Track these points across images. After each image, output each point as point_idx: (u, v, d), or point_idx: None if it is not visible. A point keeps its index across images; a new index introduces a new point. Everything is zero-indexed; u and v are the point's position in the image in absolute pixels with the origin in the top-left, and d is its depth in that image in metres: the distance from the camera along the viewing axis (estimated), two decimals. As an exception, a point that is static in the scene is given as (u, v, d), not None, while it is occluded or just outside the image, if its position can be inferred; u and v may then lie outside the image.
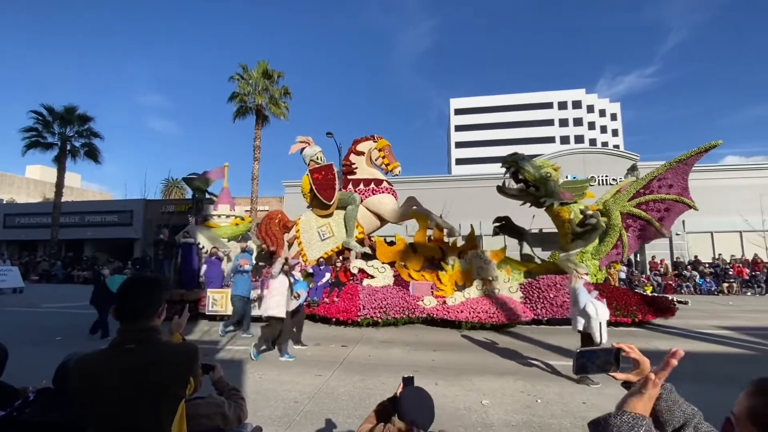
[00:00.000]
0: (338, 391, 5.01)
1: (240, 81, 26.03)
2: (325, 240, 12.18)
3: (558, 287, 9.64)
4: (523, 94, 69.29)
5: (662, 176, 10.45)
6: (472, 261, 10.48)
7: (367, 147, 12.72)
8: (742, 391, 0.86)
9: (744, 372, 5.62)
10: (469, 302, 9.53)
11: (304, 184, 12.55)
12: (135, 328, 1.47)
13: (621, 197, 10.76)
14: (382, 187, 12.56)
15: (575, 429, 3.91)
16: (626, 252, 10.79)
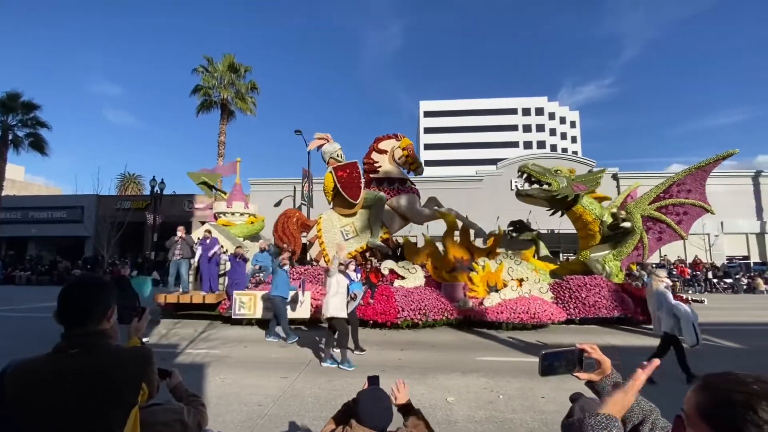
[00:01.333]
0: (304, 393, 4.94)
1: (204, 74, 25.08)
2: (348, 240, 11.79)
3: (588, 287, 9.77)
4: (490, 100, 71.38)
5: (681, 181, 10.91)
6: (503, 261, 10.35)
7: (390, 145, 12.34)
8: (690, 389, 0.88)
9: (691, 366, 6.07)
10: (508, 303, 9.34)
11: (327, 182, 11.98)
12: (80, 333, 1.35)
13: (642, 201, 11.14)
14: (406, 186, 12.33)
15: (534, 423, 4.07)
16: (646, 253, 11.11)
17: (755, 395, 0.73)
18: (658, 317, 5.87)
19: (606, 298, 9.56)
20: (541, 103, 70.74)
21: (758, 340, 8.01)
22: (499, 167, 28.85)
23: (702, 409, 0.79)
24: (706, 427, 0.77)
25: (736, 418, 0.73)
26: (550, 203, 11.42)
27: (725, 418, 0.74)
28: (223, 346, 7.55)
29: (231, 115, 26.26)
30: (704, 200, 10.79)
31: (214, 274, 10.46)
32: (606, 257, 10.69)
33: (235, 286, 9.89)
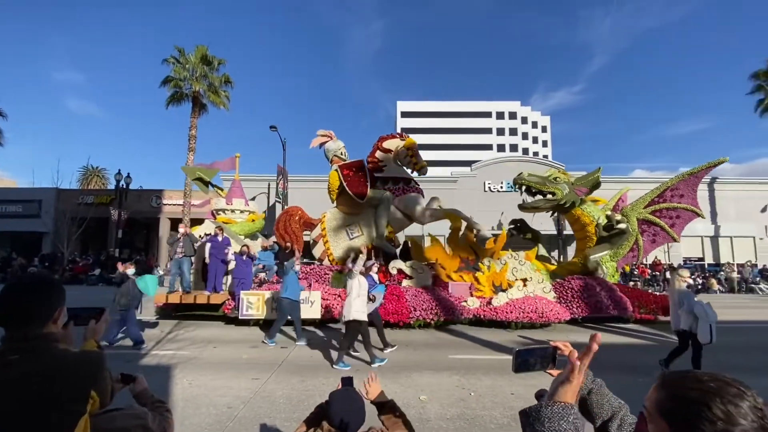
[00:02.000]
0: (276, 395, 4.86)
1: (175, 65, 24.18)
2: (353, 239, 11.63)
3: (590, 287, 10.12)
4: (466, 102, 72.59)
5: (675, 187, 11.47)
6: (508, 262, 10.55)
7: (395, 145, 12.15)
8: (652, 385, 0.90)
9: (646, 360, 6.39)
10: (516, 303, 9.51)
11: (333, 180, 11.76)
12: (22, 336, 1.24)
13: (638, 204, 11.66)
14: (411, 186, 12.28)
15: (504, 419, 4.17)
16: (641, 255, 11.63)
17: (709, 392, 0.76)
18: (678, 314, 6.09)
19: (606, 298, 9.94)
20: (514, 107, 72.58)
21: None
22: (474, 169, 29.36)
23: (660, 405, 0.81)
24: (665, 423, 0.79)
25: (691, 414, 0.75)
26: (554, 208, 11.77)
27: (681, 414, 0.77)
28: (192, 346, 7.32)
29: (203, 108, 25.45)
30: (696, 205, 11.39)
31: (220, 273, 10.06)
32: (603, 258, 11.09)
33: (241, 286, 9.55)
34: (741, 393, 0.75)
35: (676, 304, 6.12)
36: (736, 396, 0.74)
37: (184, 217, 23.87)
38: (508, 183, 27.17)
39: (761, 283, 19.49)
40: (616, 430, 1.11)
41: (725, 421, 0.72)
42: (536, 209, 11.66)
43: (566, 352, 1.10)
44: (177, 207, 25.79)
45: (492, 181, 27.79)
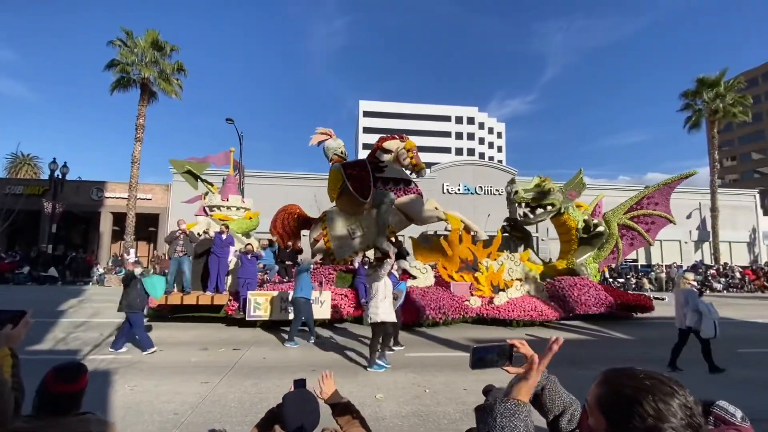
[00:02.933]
0: (227, 398, 4.68)
1: (122, 48, 22.50)
2: (355, 238, 11.47)
3: (578, 287, 10.62)
4: (426, 105, 73.96)
5: (651, 195, 12.50)
6: (505, 263, 10.94)
7: (395, 146, 12.00)
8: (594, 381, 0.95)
9: (585, 353, 6.86)
10: (516, 301, 9.92)
11: (335, 179, 11.40)
12: None
13: (618, 210, 12.50)
14: (411, 187, 12.18)
15: (456, 414, 4.30)
16: (621, 257, 12.47)
17: (643, 389, 0.80)
18: (684, 313, 6.40)
19: (593, 297, 10.53)
20: (472, 112, 74.98)
21: (644, 332, 9.33)
22: (433, 171, 29.97)
23: (599, 400, 0.86)
24: (602, 417, 0.84)
25: (624, 409, 0.80)
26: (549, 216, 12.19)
27: (616, 409, 0.82)
28: (135, 350, 6.86)
29: (153, 96, 23.90)
30: (668, 212, 12.42)
31: (223, 272, 9.57)
32: (587, 260, 11.83)
33: (247, 286, 9.18)
34: (673, 391, 0.79)
35: (681, 304, 6.45)
36: (668, 394, 0.79)
37: (129, 212, 22.30)
38: (465, 185, 28.06)
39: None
40: (566, 424, 1.15)
41: (655, 418, 0.76)
42: (541, 220, 12.10)
43: (522, 350, 1.14)
44: (121, 201, 24.03)
45: (450, 183, 28.51)
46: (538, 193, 11.57)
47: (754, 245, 30.65)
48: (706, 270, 23.39)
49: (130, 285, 6.98)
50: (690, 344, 6.39)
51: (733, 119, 28.65)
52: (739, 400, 1.95)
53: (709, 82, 27.98)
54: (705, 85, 28.09)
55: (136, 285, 7.00)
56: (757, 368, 6.41)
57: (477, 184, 28.05)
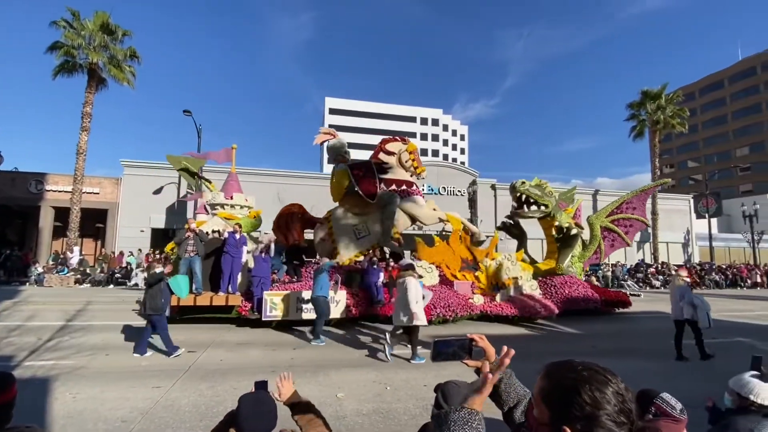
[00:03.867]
0: (180, 403, 4.49)
1: (67, 29, 20.82)
2: (361, 239, 11.52)
3: (569, 285, 11.45)
4: (392, 105, 74.47)
5: (630, 201, 13.61)
6: (502, 262, 11.32)
7: (398, 148, 12.35)
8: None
9: (543, 348, 7.22)
10: (517, 299, 10.44)
11: (341, 179, 11.36)
12: None
13: (600, 214, 13.59)
14: (413, 189, 12.42)
15: (416, 409, 4.39)
16: (603, 256, 13.58)
17: (581, 380, 0.86)
18: (680, 306, 7.06)
19: (582, 294, 11.36)
20: (437, 114, 76.40)
21: (592, 325, 9.94)
22: (398, 170, 30.21)
23: (542, 392, 0.92)
24: (545, 408, 0.90)
25: (565, 399, 0.86)
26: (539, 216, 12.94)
27: (558, 399, 0.88)
28: (78, 355, 6.41)
29: (102, 83, 22.31)
30: (644, 216, 13.59)
31: (236, 272, 9.29)
32: (572, 260, 12.54)
33: (262, 286, 9.07)
34: (607, 380, 0.86)
35: (677, 298, 7.13)
36: (603, 383, 0.85)
37: (73, 207, 20.71)
38: (429, 186, 28.50)
39: (628, 280, 23.20)
40: (520, 415, 1.22)
41: (592, 406, 0.82)
42: (535, 217, 12.78)
43: (481, 344, 1.19)
44: (64, 194, 22.25)
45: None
46: (541, 193, 12.33)
47: (688, 246, 33.52)
48: (646, 268, 25.28)
49: (155, 286, 6.63)
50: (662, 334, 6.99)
51: (672, 130, 31.16)
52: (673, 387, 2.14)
53: (651, 95, 30.24)
54: (648, 98, 30.34)
55: (161, 285, 6.70)
56: (690, 357, 7.01)
57: (440, 185, 28.59)
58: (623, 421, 0.82)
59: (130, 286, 18.55)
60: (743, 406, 2.31)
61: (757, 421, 2.20)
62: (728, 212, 36.74)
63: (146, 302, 6.55)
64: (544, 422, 0.90)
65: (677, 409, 2.04)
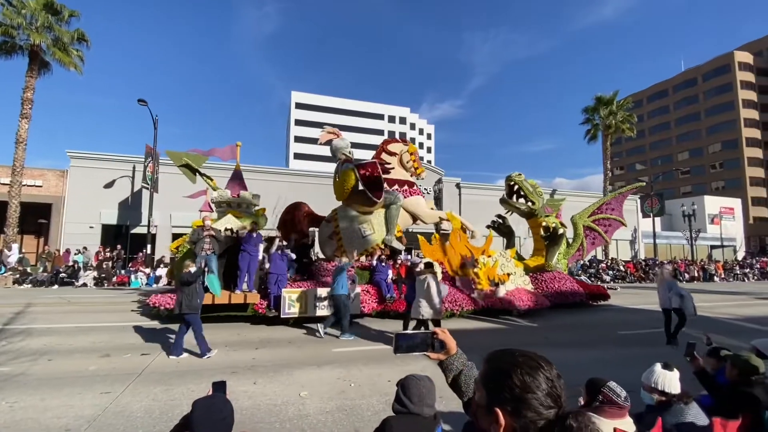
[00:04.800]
0: (132, 408, 4.26)
1: (6, 7, 19.04)
2: (366, 237, 11.71)
3: (558, 280, 12.55)
4: (360, 102, 74.13)
5: (609, 202, 14.78)
6: (498, 259, 12.10)
7: (399, 149, 12.93)
8: None
9: (497, 341, 7.49)
10: (513, 293, 11.14)
11: (346, 179, 11.36)
12: None
13: (583, 214, 14.56)
14: (414, 189, 12.91)
15: (380, 405, 4.42)
16: (585, 254, 14.65)
17: (514, 365, 0.91)
18: (668, 297, 7.85)
19: (569, 288, 12.45)
20: (404, 113, 76.93)
21: (550, 320, 10.43)
22: (365, 168, 30.16)
23: (482, 377, 0.98)
24: (483, 391, 0.96)
25: (498, 382, 0.92)
26: (523, 214, 13.91)
27: (493, 383, 0.94)
28: (15, 361, 5.92)
29: (45, 67, 20.61)
30: (621, 216, 14.74)
31: (253, 270, 9.23)
32: (558, 257, 13.51)
33: (279, 283, 9.18)
34: (539, 366, 0.91)
35: (666, 290, 7.93)
36: (534, 369, 0.90)
37: (11, 200, 19.00)
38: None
39: (582, 275, 24.55)
40: None
41: (521, 389, 0.88)
42: (517, 209, 13.70)
43: (441, 337, 1.26)
44: (1, 187, 20.39)
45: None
46: (533, 190, 13.42)
47: (635, 243, 35.96)
48: (598, 264, 26.83)
49: (192, 285, 6.54)
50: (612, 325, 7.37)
51: (622, 134, 33.24)
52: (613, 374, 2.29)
53: (605, 101, 32.07)
54: (602, 103, 32.16)
55: (197, 284, 6.63)
56: (634, 346, 7.54)
57: (407, 183, 28.85)
58: (551, 404, 0.88)
59: (78, 286, 17.33)
60: (663, 400, 2.50)
61: (679, 413, 2.40)
62: (670, 212, 39.72)
63: (183, 301, 6.45)
64: (482, 404, 0.95)
65: (621, 397, 2.20)
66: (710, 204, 42.95)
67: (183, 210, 23.72)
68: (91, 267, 18.81)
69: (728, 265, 30.63)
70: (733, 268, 30.17)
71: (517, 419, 0.88)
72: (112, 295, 14.57)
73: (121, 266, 20.21)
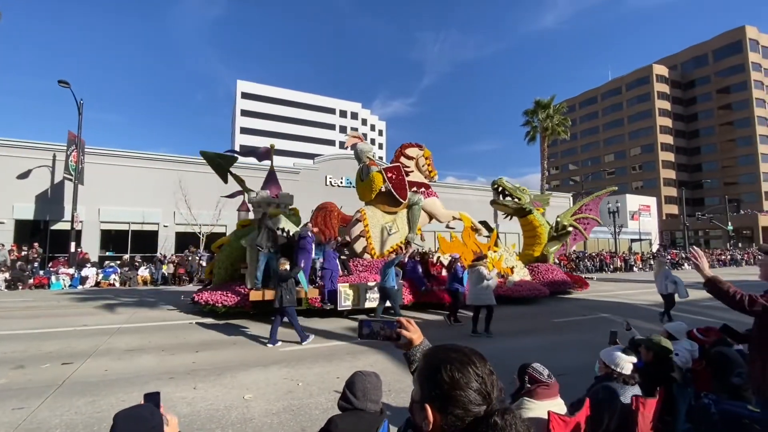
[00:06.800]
0: (51, 424, 3.85)
1: None
2: (391, 235, 12.66)
3: (551, 271, 14.33)
4: (311, 95, 72.48)
5: (588, 204, 16.86)
6: (503, 254, 13.62)
7: (416, 153, 14.01)
8: None
9: (445, 334, 7.73)
10: (520, 283, 12.64)
11: (375, 181, 12.58)
12: None
13: (567, 214, 16.37)
14: (430, 190, 14.10)
15: (328, 403, 4.38)
16: (569, 248, 17.05)
17: (445, 360, 0.91)
18: (665, 284, 9.27)
19: (560, 278, 14.24)
20: (356, 108, 76.53)
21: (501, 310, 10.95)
22: (316, 162, 29.66)
23: (418, 372, 0.99)
24: (418, 386, 0.97)
25: (430, 377, 0.91)
26: (513, 212, 15.20)
27: (425, 377, 0.94)
28: None
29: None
30: (598, 216, 16.91)
31: (308, 267, 9.57)
32: (549, 251, 15.38)
33: (333, 279, 9.78)
34: (470, 362, 0.91)
35: (663, 277, 9.38)
36: (464, 364, 0.90)
37: None
38: (347, 179, 28.54)
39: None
40: None
41: (450, 385, 0.88)
42: (506, 207, 15.02)
43: (406, 326, 1.28)
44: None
45: (333, 176, 28.64)
46: (515, 188, 14.91)
47: (568, 237, 38.97)
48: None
49: (290, 280, 7.31)
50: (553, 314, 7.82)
51: (557, 136, 35.71)
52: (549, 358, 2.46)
53: (543, 104, 34.24)
54: (540, 106, 34.30)
55: (293, 280, 7.48)
56: (568, 333, 8.18)
57: (358, 178, 28.81)
58: (480, 401, 0.87)
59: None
60: (608, 373, 2.82)
61: (619, 387, 2.71)
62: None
63: (284, 296, 7.15)
64: (416, 400, 0.96)
65: (545, 375, 2.42)
66: (631, 202, 47.71)
67: (114, 204, 21.77)
68: (2, 268, 16.63)
69: (645, 257, 34.22)
70: (649, 259, 33.79)
71: (444, 416, 0.87)
72: (28, 299, 13.02)
73: (39, 266, 18.07)
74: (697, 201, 63.63)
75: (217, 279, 10.96)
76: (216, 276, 11.03)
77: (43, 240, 20.21)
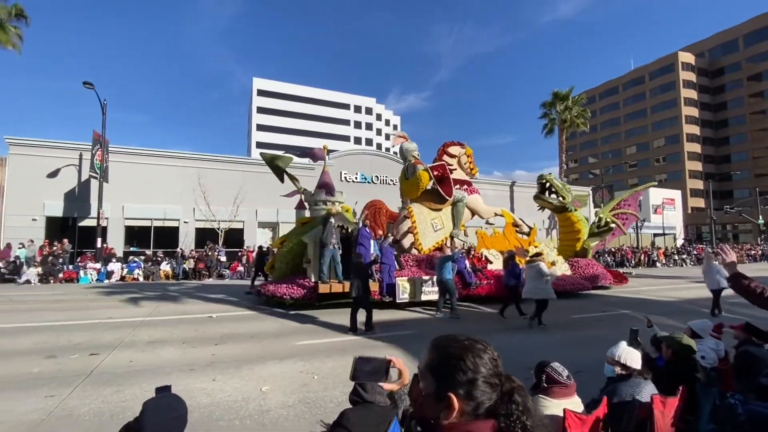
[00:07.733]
0: (79, 411, 4.03)
1: None
2: (437, 231, 13.05)
3: (591, 266, 14.46)
4: (326, 91, 72.65)
5: (626, 199, 17.03)
6: (544, 249, 13.56)
7: (458, 151, 14.33)
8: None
9: (455, 327, 7.70)
10: (563, 278, 12.49)
11: (422, 179, 12.86)
12: None
13: (606, 209, 16.69)
14: (472, 188, 14.43)
15: (343, 396, 4.43)
16: (607, 244, 17.08)
17: (464, 348, 0.95)
18: (717, 279, 9.12)
19: (601, 273, 14.32)
20: (371, 103, 76.40)
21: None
22: (331, 158, 29.73)
23: (429, 364, 0.99)
24: (432, 379, 0.96)
25: (450, 367, 0.94)
26: (554, 209, 15.36)
27: (444, 368, 0.95)
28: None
29: (-28, 43, 18.63)
30: (637, 211, 17.14)
31: (367, 261, 9.73)
32: (588, 246, 15.68)
33: (388, 272, 10.16)
34: (484, 348, 0.97)
35: (713, 273, 9.22)
36: (481, 350, 0.95)
37: None
38: (362, 174, 28.60)
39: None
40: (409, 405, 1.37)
41: (473, 371, 0.92)
42: (549, 203, 15.01)
43: (397, 366, 1.28)
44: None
45: (348, 172, 28.74)
46: (563, 186, 15.02)
47: (588, 232, 38.10)
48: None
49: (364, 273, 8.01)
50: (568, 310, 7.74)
51: (576, 128, 34.86)
52: (566, 355, 2.42)
53: (561, 96, 33.43)
54: (558, 98, 33.50)
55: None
56: (586, 329, 8.03)
57: (373, 174, 28.84)
58: (495, 383, 0.94)
59: (20, 283, 16.02)
60: (624, 373, 2.72)
61: (636, 385, 2.61)
62: (620, 203, 42.32)
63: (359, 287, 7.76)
64: (430, 393, 0.96)
65: (563, 376, 2.35)
66: (654, 195, 46.20)
67: (137, 201, 22.43)
68: (35, 263, 17.40)
69: (669, 252, 33.20)
70: (673, 254, 32.75)
71: (467, 402, 0.91)
72: (58, 293, 13.60)
73: (68, 261, 18.84)
74: (725, 194, 61.20)
75: (277, 273, 11.64)
76: (277, 270, 11.70)
77: (72, 236, 21.01)
